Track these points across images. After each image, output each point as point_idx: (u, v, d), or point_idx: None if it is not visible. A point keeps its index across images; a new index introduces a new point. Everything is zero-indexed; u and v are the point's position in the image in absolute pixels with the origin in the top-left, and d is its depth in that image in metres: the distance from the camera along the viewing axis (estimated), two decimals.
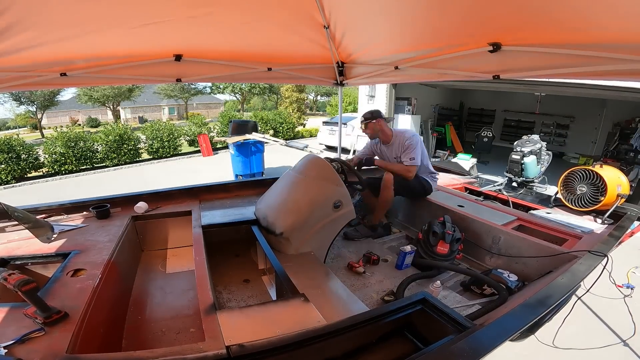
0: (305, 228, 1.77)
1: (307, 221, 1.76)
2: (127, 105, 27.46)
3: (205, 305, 1.14)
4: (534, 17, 1.51)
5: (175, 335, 1.41)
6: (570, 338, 2.11)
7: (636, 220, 2.20)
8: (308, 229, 1.78)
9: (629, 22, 1.28)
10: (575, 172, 2.44)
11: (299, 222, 1.75)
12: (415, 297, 1.14)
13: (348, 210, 1.86)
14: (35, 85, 2.02)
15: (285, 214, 1.81)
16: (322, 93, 33.52)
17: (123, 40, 1.98)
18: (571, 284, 1.32)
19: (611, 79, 1.57)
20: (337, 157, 2.52)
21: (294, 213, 1.79)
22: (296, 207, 1.81)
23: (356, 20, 2.27)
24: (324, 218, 1.81)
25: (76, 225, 1.82)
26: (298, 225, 1.75)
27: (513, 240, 2.02)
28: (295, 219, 1.76)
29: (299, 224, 1.75)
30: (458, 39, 1.94)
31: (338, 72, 3.01)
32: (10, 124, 27.20)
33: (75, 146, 8.13)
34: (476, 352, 0.89)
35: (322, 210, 1.80)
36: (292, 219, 1.76)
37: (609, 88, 4.76)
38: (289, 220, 1.76)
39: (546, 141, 3.36)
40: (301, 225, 1.76)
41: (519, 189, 3.11)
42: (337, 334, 0.97)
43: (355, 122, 9.24)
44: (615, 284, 2.77)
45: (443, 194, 2.80)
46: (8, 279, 0.94)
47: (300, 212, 1.78)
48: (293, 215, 1.78)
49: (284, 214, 1.82)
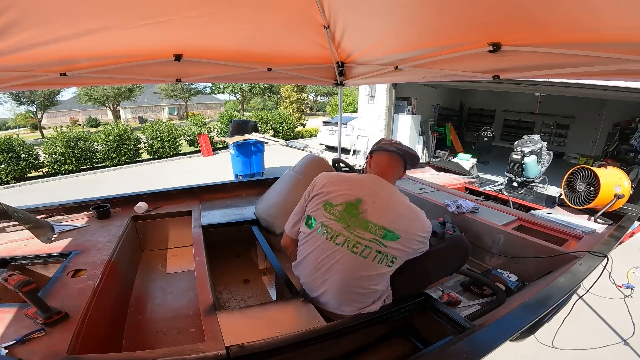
0: None
1: None
2: (127, 105, 27.45)
3: (205, 305, 1.14)
4: (534, 17, 1.51)
5: (175, 335, 1.41)
6: (570, 338, 2.11)
7: (636, 220, 2.20)
8: None
9: (629, 22, 1.28)
10: (577, 170, 2.45)
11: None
12: (415, 298, 1.14)
13: None
14: (35, 85, 2.01)
15: (285, 214, 1.81)
16: (322, 93, 33.51)
17: (123, 40, 1.98)
18: (571, 285, 1.32)
19: (611, 79, 1.57)
20: (338, 157, 2.52)
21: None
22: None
23: (356, 20, 2.27)
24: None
25: (76, 226, 1.82)
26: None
27: (513, 240, 2.02)
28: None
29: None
30: (458, 39, 1.94)
31: (338, 72, 3.00)
32: (10, 124, 27.20)
33: (75, 146, 8.13)
34: (476, 352, 0.90)
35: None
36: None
37: (609, 88, 4.76)
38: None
39: (546, 141, 3.36)
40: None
41: (520, 188, 3.11)
42: (337, 334, 0.98)
43: (356, 122, 9.25)
44: (616, 284, 2.77)
45: (443, 194, 2.80)
46: (9, 279, 0.94)
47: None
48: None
49: (283, 214, 1.82)
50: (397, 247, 1.19)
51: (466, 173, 3.79)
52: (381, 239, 1.17)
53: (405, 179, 3.29)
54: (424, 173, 3.70)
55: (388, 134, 7.99)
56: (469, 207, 2.32)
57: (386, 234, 1.17)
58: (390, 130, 8.01)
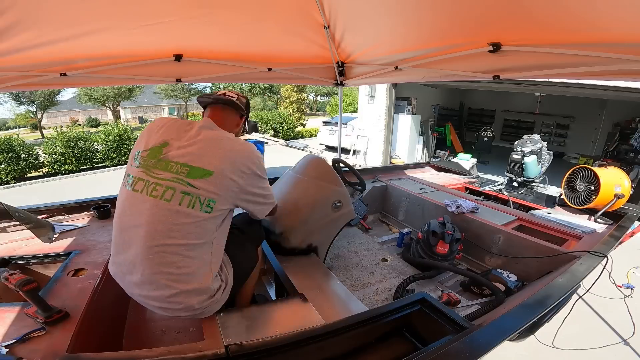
0: (304, 228, 1.77)
1: (306, 221, 1.77)
2: (127, 105, 27.45)
3: None
4: (534, 17, 1.51)
5: (175, 334, 1.42)
6: (570, 338, 2.11)
7: (636, 220, 2.20)
8: (308, 229, 1.78)
9: (629, 22, 1.28)
10: (577, 170, 2.45)
11: (298, 222, 1.76)
12: (414, 297, 1.14)
13: (348, 211, 1.87)
14: (35, 85, 2.02)
15: (285, 214, 1.82)
16: (322, 93, 33.50)
17: (123, 40, 1.99)
18: (570, 285, 1.32)
19: (611, 79, 1.57)
20: (338, 157, 2.52)
21: (294, 213, 1.80)
22: (296, 207, 1.82)
23: (356, 20, 2.27)
24: (323, 218, 1.81)
25: (77, 226, 1.83)
26: (297, 226, 1.75)
27: (513, 240, 2.02)
28: (295, 219, 1.76)
29: (299, 224, 1.76)
30: (458, 39, 1.94)
31: (338, 72, 3.01)
32: (10, 124, 27.21)
33: (75, 146, 8.13)
34: (475, 352, 0.90)
35: (322, 211, 1.80)
36: (292, 219, 1.76)
37: (609, 88, 4.76)
38: (288, 220, 1.76)
39: (546, 141, 3.36)
40: (301, 225, 1.76)
41: (520, 188, 3.11)
42: (336, 334, 0.98)
43: (356, 122, 9.25)
44: (616, 284, 2.77)
45: (443, 193, 2.80)
46: (9, 278, 0.94)
47: (299, 212, 1.79)
48: (292, 215, 1.78)
49: (283, 214, 1.83)
50: (210, 187, 0.99)
51: (466, 173, 3.79)
52: (185, 178, 0.98)
53: (405, 178, 3.30)
54: (424, 173, 3.70)
55: (388, 133, 7.99)
56: (468, 207, 2.32)
57: (191, 171, 0.99)
58: (390, 130, 8.01)
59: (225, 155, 1.05)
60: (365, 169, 4.43)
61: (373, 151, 8.42)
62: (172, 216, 0.97)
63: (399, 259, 2.17)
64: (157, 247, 0.96)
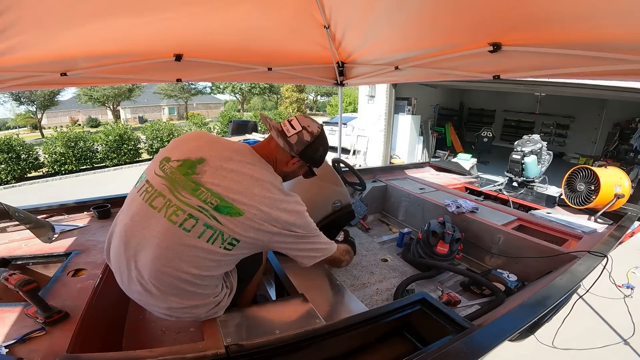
0: None
1: None
2: (127, 105, 27.46)
3: None
4: (535, 17, 1.51)
5: (175, 335, 1.42)
6: (570, 338, 2.11)
7: (636, 220, 2.20)
8: None
9: (629, 22, 1.28)
10: (577, 170, 2.45)
11: None
12: (414, 298, 1.14)
13: (347, 211, 1.86)
14: (35, 85, 2.02)
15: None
16: (322, 93, 33.51)
17: (123, 40, 1.98)
18: (570, 285, 1.32)
19: (611, 79, 1.57)
20: (338, 157, 2.52)
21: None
22: None
23: (356, 20, 2.27)
24: (323, 218, 1.81)
25: (77, 226, 1.83)
26: None
27: (513, 240, 2.02)
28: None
29: None
30: (458, 39, 1.94)
31: (338, 72, 3.01)
32: (10, 124, 27.22)
33: (75, 146, 8.14)
34: (475, 352, 0.90)
35: (322, 211, 1.80)
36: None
37: (609, 88, 4.76)
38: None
39: (546, 141, 3.36)
40: None
41: (520, 188, 3.11)
42: (336, 334, 0.98)
43: (356, 122, 9.25)
44: (616, 284, 2.77)
45: (443, 193, 2.80)
46: (9, 279, 0.94)
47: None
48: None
49: None
50: (237, 228, 0.89)
51: (466, 173, 3.79)
52: (212, 210, 0.87)
53: (405, 178, 3.29)
54: (424, 173, 3.70)
55: (388, 133, 7.99)
56: (468, 207, 2.32)
57: (220, 205, 0.88)
58: (390, 130, 8.01)
59: (260, 201, 0.92)
60: (365, 169, 4.43)
61: (373, 151, 8.42)
62: (187, 249, 0.88)
63: (399, 259, 2.17)
64: (167, 270, 0.89)
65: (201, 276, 0.92)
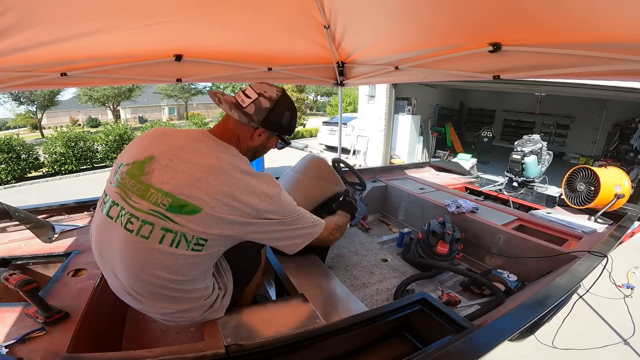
0: None
1: None
2: (127, 105, 27.46)
3: None
4: (535, 17, 1.51)
5: (175, 334, 1.42)
6: (570, 338, 2.11)
7: (636, 220, 2.20)
8: None
9: (629, 22, 1.28)
10: (577, 170, 2.45)
11: None
12: (414, 298, 1.14)
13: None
14: (35, 85, 2.02)
15: None
16: (322, 93, 33.51)
17: (124, 40, 1.99)
18: (571, 285, 1.32)
19: (611, 79, 1.57)
20: (338, 157, 2.52)
21: None
22: None
23: (356, 20, 2.27)
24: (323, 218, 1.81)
25: (77, 225, 1.83)
26: None
27: (513, 240, 2.02)
28: None
29: None
30: (458, 39, 1.94)
31: (338, 72, 3.01)
32: (10, 124, 27.22)
33: (75, 146, 8.14)
34: (475, 352, 0.90)
35: (322, 211, 1.80)
36: None
37: (609, 88, 4.76)
38: None
39: (546, 141, 3.37)
40: None
41: (520, 188, 3.12)
42: (336, 334, 0.98)
43: (356, 122, 9.25)
44: (616, 284, 2.77)
45: (443, 193, 2.80)
46: (9, 279, 0.94)
47: None
48: None
49: None
50: (198, 227, 0.81)
51: (466, 173, 3.79)
52: (165, 211, 0.80)
53: (405, 178, 3.30)
54: (424, 173, 3.70)
55: (388, 133, 7.99)
56: (468, 207, 2.32)
57: (173, 205, 0.80)
58: (390, 130, 8.01)
59: (219, 190, 0.82)
60: (365, 169, 4.43)
61: (373, 151, 8.42)
62: (152, 256, 0.82)
63: (399, 259, 2.17)
64: (144, 278, 0.85)
65: (181, 281, 0.87)
